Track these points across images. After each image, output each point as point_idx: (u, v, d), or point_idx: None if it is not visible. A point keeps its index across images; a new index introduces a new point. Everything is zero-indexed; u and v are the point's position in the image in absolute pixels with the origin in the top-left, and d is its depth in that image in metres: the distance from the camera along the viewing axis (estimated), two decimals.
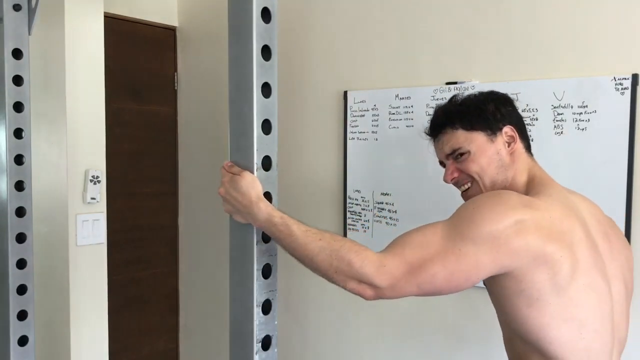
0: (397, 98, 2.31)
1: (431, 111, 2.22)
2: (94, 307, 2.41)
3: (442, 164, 1.45)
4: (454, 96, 1.45)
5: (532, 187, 1.34)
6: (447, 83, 2.19)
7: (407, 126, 2.29)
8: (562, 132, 1.96)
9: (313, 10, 2.58)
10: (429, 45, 2.25)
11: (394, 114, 2.33)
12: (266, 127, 1.18)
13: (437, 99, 2.21)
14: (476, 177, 1.36)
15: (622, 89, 1.84)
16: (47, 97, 2.34)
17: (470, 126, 1.36)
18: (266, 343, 1.19)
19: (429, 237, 1.17)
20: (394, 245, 1.19)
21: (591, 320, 1.21)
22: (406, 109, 2.30)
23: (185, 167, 3.17)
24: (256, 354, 1.17)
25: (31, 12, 1.85)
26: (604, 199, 1.88)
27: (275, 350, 1.22)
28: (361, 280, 1.14)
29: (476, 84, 2.12)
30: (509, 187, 1.35)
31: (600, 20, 1.89)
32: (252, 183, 1.17)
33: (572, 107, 1.93)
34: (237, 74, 1.17)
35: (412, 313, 2.35)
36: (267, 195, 1.21)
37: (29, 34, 1.85)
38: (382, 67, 2.38)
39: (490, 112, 1.36)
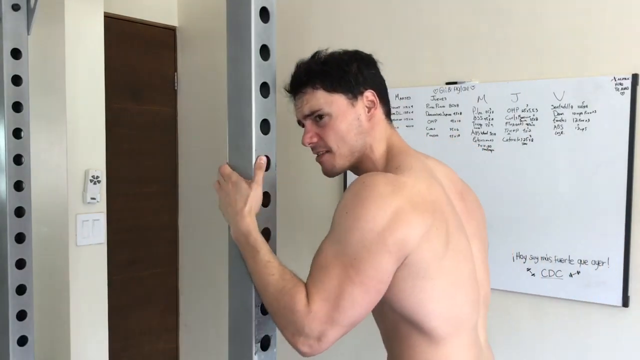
0: (397, 98, 2.31)
1: (431, 111, 2.23)
2: (94, 307, 2.41)
3: (300, 123, 1.38)
4: (317, 52, 1.38)
5: (391, 157, 1.29)
6: (447, 83, 2.19)
7: (407, 126, 2.29)
8: (562, 132, 1.95)
9: (312, 10, 2.58)
10: (429, 45, 2.25)
11: (394, 114, 2.31)
12: (265, 127, 1.18)
13: (437, 99, 2.21)
14: (334, 147, 1.30)
15: (622, 89, 1.84)
16: (46, 97, 2.34)
17: (332, 87, 1.28)
18: (265, 343, 1.19)
19: (323, 262, 1.12)
20: (310, 284, 1.12)
21: (461, 283, 1.20)
22: (406, 109, 2.29)
23: (185, 167, 3.17)
24: (255, 354, 1.17)
25: (30, 12, 1.85)
26: (604, 199, 1.88)
27: (275, 350, 1.22)
28: (294, 332, 1.09)
29: (476, 84, 2.12)
30: (367, 154, 1.30)
31: (600, 20, 1.88)
32: (256, 199, 1.16)
33: (572, 107, 1.93)
34: (235, 73, 1.17)
35: None
36: (266, 196, 1.20)
37: (28, 33, 1.85)
38: (382, 67, 2.37)
39: (352, 73, 1.30)
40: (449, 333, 1.19)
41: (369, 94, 1.31)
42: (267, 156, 1.19)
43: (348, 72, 1.30)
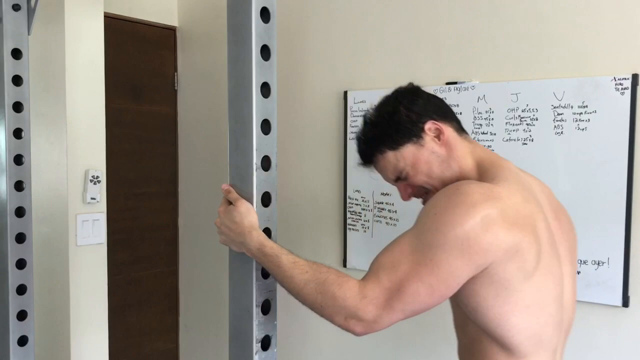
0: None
1: None
2: (94, 307, 2.41)
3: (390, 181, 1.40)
4: (364, 116, 1.37)
5: (484, 171, 1.27)
6: (447, 83, 2.19)
7: None
8: (562, 132, 1.96)
9: (313, 10, 2.58)
10: (429, 45, 2.25)
11: None
12: (265, 127, 1.18)
13: None
14: (427, 185, 1.31)
15: (622, 89, 1.84)
16: (47, 97, 2.34)
17: (396, 144, 1.29)
18: (266, 343, 1.19)
19: (397, 256, 1.13)
20: (370, 271, 1.15)
21: (547, 303, 1.19)
22: None
23: (185, 167, 3.17)
24: (256, 354, 1.17)
25: (30, 12, 1.85)
26: (604, 199, 1.88)
27: (275, 350, 1.22)
28: (347, 316, 1.11)
29: (476, 84, 2.12)
30: (460, 176, 1.29)
31: (600, 20, 1.88)
32: (247, 213, 1.17)
33: (572, 107, 1.93)
34: (236, 73, 1.17)
35: None
36: (267, 196, 1.21)
37: (29, 33, 1.85)
38: (382, 67, 2.38)
39: (404, 118, 1.29)
40: (530, 352, 1.18)
41: (430, 125, 1.29)
42: (267, 156, 1.19)
43: (399, 120, 1.29)
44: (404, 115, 1.29)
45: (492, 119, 2.08)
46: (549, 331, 1.21)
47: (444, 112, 1.33)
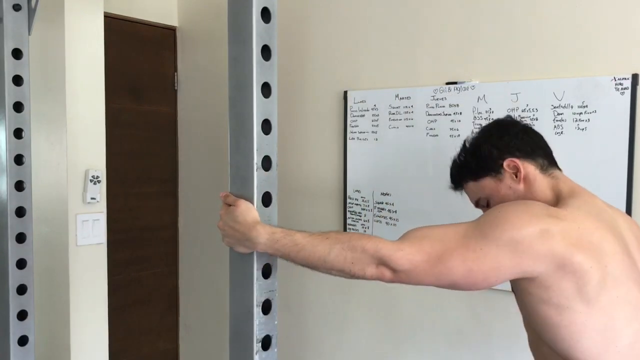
0: (397, 98, 2.31)
1: (431, 111, 2.23)
2: (94, 307, 2.41)
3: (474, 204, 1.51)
4: (465, 141, 1.48)
5: (559, 200, 1.33)
6: (447, 83, 2.19)
7: (407, 126, 2.29)
8: (562, 132, 1.96)
9: (313, 10, 2.58)
10: (429, 45, 2.25)
11: (394, 114, 2.33)
12: (266, 127, 1.18)
13: (437, 99, 2.21)
14: None
15: (622, 89, 1.84)
16: (47, 97, 2.34)
17: (477, 176, 1.41)
18: (266, 343, 1.19)
19: (450, 234, 1.18)
20: (411, 236, 1.20)
21: (626, 332, 1.19)
22: (406, 109, 2.30)
23: (185, 167, 3.17)
24: (256, 353, 1.17)
25: (31, 12, 1.85)
26: (604, 199, 1.88)
27: (275, 350, 1.22)
28: (379, 263, 1.15)
29: (476, 84, 2.12)
30: None
31: (600, 20, 1.89)
32: (247, 210, 1.18)
33: (572, 107, 1.93)
34: (237, 74, 1.17)
35: (412, 313, 2.35)
36: (267, 196, 1.21)
37: (29, 33, 1.85)
38: (382, 67, 2.38)
39: (486, 155, 1.40)
40: None
41: (508, 162, 1.37)
42: (268, 156, 1.19)
43: (482, 156, 1.41)
44: (487, 151, 1.40)
45: (492, 119, 2.08)
46: None
47: (530, 149, 1.40)
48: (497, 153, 1.39)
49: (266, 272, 1.20)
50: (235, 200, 1.20)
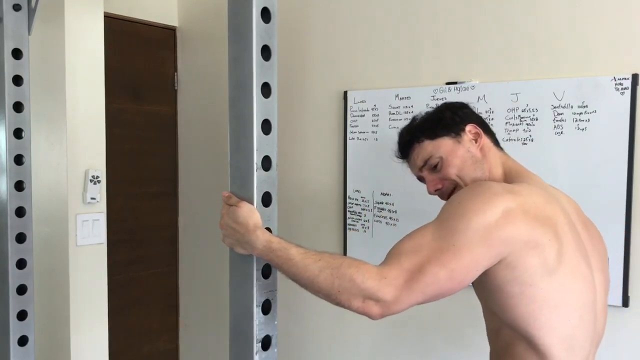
0: (397, 98, 2.31)
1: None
2: (94, 307, 2.41)
3: (420, 179, 1.48)
4: (414, 117, 1.50)
5: (510, 179, 1.36)
6: (447, 83, 2.19)
7: None
8: (562, 132, 1.96)
9: (313, 10, 2.58)
10: (429, 45, 2.25)
11: (394, 114, 2.33)
12: (266, 127, 1.18)
13: (437, 99, 2.21)
14: (457, 179, 1.38)
15: (622, 89, 1.84)
16: (47, 97, 2.34)
17: (434, 134, 1.40)
18: (266, 343, 1.19)
19: (420, 241, 1.17)
20: (389, 256, 1.18)
21: (577, 306, 1.21)
22: (406, 109, 2.30)
23: (185, 167, 3.17)
24: (256, 354, 1.17)
25: (31, 12, 1.85)
26: (604, 199, 1.89)
27: (275, 350, 1.22)
28: (365, 297, 1.12)
29: (476, 84, 2.12)
30: (488, 179, 1.38)
31: (600, 20, 1.89)
32: (250, 213, 1.17)
33: (572, 107, 1.93)
34: (237, 74, 1.17)
35: (412, 313, 2.34)
36: (267, 196, 1.21)
37: (29, 34, 1.85)
38: (382, 67, 2.38)
39: (448, 117, 1.42)
40: (562, 357, 1.20)
41: (471, 127, 1.42)
42: (268, 156, 1.19)
43: (443, 117, 1.44)
44: (448, 115, 1.44)
45: (492, 119, 2.09)
46: (580, 336, 1.22)
47: (485, 126, 1.47)
48: (459, 119, 1.42)
49: (266, 272, 1.20)
50: (238, 201, 1.19)
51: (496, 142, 1.45)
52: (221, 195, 1.24)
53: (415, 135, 1.43)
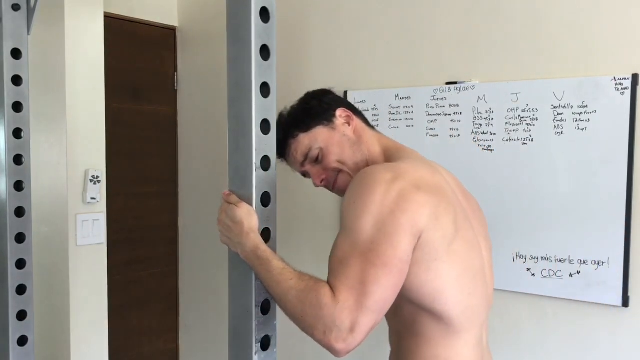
0: (397, 98, 2.31)
1: (431, 111, 2.23)
2: (94, 307, 2.41)
3: (304, 174, 1.45)
4: (280, 114, 1.45)
5: (390, 156, 1.35)
6: (447, 83, 2.19)
7: (407, 126, 2.29)
8: (562, 132, 1.95)
9: (313, 10, 2.58)
10: (429, 45, 2.25)
11: (394, 114, 2.33)
12: (265, 127, 1.17)
13: (437, 99, 2.21)
14: (340, 165, 1.37)
15: (622, 89, 1.84)
16: (46, 97, 2.34)
17: (307, 126, 1.39)
18: (265, 343, 1.19)
19: (342, 255, 1.12)
20: (331, 275, 1.12)
21: (473, 274, 1.23)
22: (406, 109, 2.29)
23: (185, 167, 3.17)
24: (255, 354, 1.17)
25: (30, 12, 1.84)
26: (604, 199, 1.88)
27: (275, 350, 1.21)
28: (326, 329, 1.07)
29: (476, 84, 2.12)
30: (370, 160, 1.37)
31: (600, 20, 1.88)
32: (248, 215, 1.16)
33: (572, 107, 1.93)
34: (236, 73, 1.17)
35: None
36: (266, 196, 1.20)
37: (28, 33, 1.85)
38: (382, 67, 2.38)
39: (316, 106, 1.41)
40: (465, 327, 1.21)
41: (341, 112, 1.40)
42: (267, 156, 1.19)
43: (311, 107, 1.42)
44: (314, 103, 1.42)
45: (492, 119, 2.09)
46: (477, 303, 1.24)
47: (353, 108, 1.45)
48: (327, 105, 1.41)
49: None
50: (238, 201, 1.18)
51: (367, 123, 1.44)
52: (221, 194, 1.23)
53: (288, 131, 1.40)
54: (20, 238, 1.84)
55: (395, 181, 1.15)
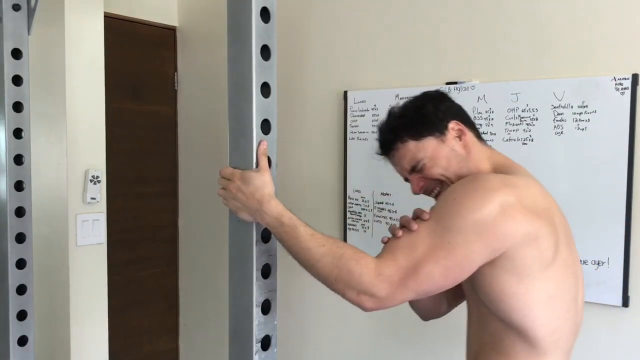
0: (397, 98, 2.31)
1: None
2: (94, 307, 2.41)
3: (405, 179, 1.43)
4: (391, 109, 1.41)
5: (500, 171, 1.32)
6: (447, 83, 2.19)
7: None
8: (562, 132, 1.95)
9: (313, 10, 2.58)
10: (429, 45, 2.25)
11: None
12: (265, 127, 1.18)
13: None
14: (442, 178, 1.34)
15: (622, 89, 1.84)
16: (47, 97, 2.34)
17: (419, 134, 1.33)
18: (266, 343, 1.19)
19: (415, 238, 1.16)
20: (386, 250, 1.18)
21: (565, 299, 1.22)
22: None
23: (185, 167, 3.17)
24: (256, 354, 1.17)
25: (30, 12, 1.85)
26: (604, 198, 1.88)
27: (275, 350, 1.22)
28: (360, 291, 1.13)
29: (476, 84, 2.12)
30: None
31: (600, 20, 1.88)
32: (270, 181, 1.16)
33: (572, 107, 1.93)
34: (236, 74, 1.17)
35: (412, 313, 2.35)
36: None
37: (29, 33, 1.85)
38: (382, 67, 2.38)
39: (431, 114, 1.34)
40: (550, 350, 1.21)
41: (454, 125, 1.34)
42: (267, 156, 1.19)
43: (426, 114, 1.34)
44: (430, 110, 1.34)
45: (492, 119, 2.08)
46: (566, 328, 1.23)
47: (467, 119, 1.39)
48: (442, 115, 1.34)
49: (266, 272, 1.20)
50: (264, 170, 1.16)
51: (479, 136, 1.39)
52: (262, 144, 1.18)
53: (398, 134, 1.35)
54: (20, 238, 1.84)
55: (502, 192, 1.15)
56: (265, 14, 1.16)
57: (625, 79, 1.83)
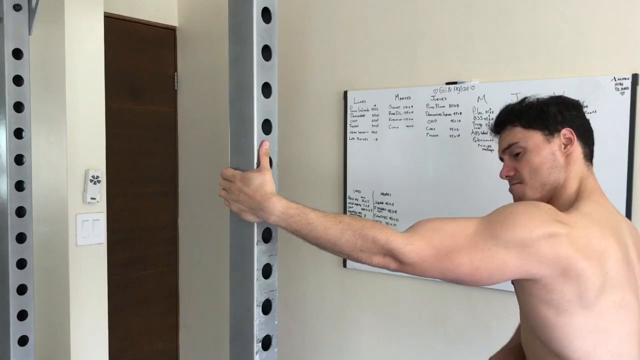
0: (397, 98, 2.31)
1: (431, 111, 2.23)
2: (94, 307, 2.41)
3: (501, 159, 1.47)
4: (525, 98, 1.44)
5: (579, 199, 1.32)
6: (447, 83, 2.19)
7: (407, 126, 2.29)
8: None
9: (313, 10, 2.58)
10: (429, 45, 2.25)
11: (394, 114, 2.33)
12: (266, 127, 1.18)
13: (437, 99, 2.21)
14: (526, 179, 1.37)
15: (622, 89, 1.84)
16: (47, 97, 2.34)
17: (528, 124, 1.36)
18: (266, 343, 1.19)
19: (460, 229, 1.19)
20: (422, 228, 1.20)
21: (618, 335, 1.21)
22: (406, 109, 2.30)
23: (185, 167, 3.17)
24: (256, 353, 1.17)
25: (31, 12, 1.85)
26: None
27: (276, 350, 1.22)
28: (386, 254, 1.16)
29: (476, 84, 2.12)
30: (558, 190, 1.35)
31: (600, 20, 1.89)
32: (270, 181, 1.18)
33: None
34: (237, 74, 1.17)
35: (412, 313, 2.35)
36: None
37: (29, 34, 1.85)
38: (382, 67, 2.38)
39: (551, 113, 1.36)
40: None
41: (566, 132, 1.35)
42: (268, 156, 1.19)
43: (546, 111, 1.36)
44: (552, 111, 1.36)
45: (492, 119, 2.08)
46: None
47: (586, 135, 1.39)
48: (561, 118, 1.35)
49: (266, 272, 1.20)
50: (265, 170, 1.17)
51: (588, 157, 1.39)
52: (264, 145, 1.19)
53: (511, 118, 1.40)
54: (21, 238, 1.84)
55: (556, 226, 1.17)
56: (266, 14, 1.16)
57: (625, 79, 1.83)
